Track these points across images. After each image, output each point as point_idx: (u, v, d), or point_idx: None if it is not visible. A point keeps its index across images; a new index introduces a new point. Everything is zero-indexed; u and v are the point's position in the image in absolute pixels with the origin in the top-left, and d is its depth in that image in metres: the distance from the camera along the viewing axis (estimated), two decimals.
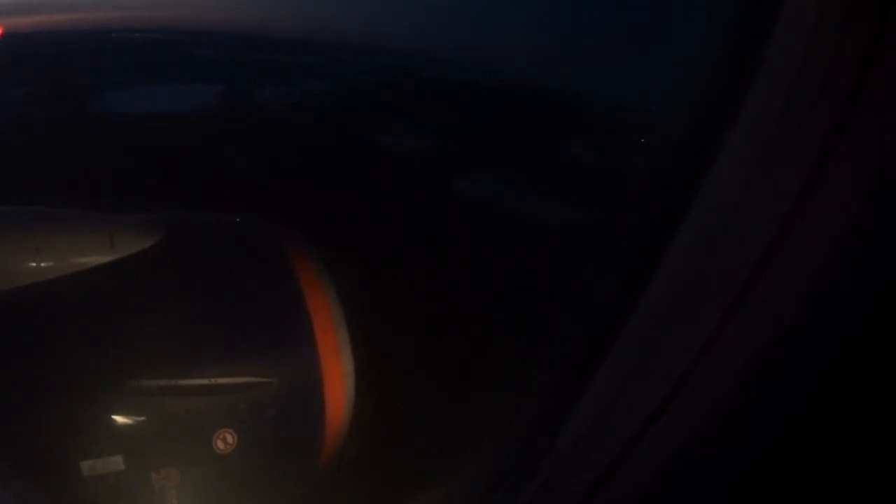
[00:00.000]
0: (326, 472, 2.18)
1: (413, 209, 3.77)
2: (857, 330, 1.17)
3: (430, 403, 2.43)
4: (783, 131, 1.31)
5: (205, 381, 2.15)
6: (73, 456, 2.14)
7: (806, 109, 1.28)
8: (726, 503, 1.27)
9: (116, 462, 2.15)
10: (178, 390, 2.16)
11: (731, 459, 1.26)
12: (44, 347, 2.18)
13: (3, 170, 3.32)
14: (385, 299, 2.76)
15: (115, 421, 2.17)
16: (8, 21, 4.61)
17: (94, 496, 2.17)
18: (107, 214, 2.41)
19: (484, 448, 1.86)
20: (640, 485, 1.36)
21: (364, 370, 2.14)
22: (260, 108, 4.86)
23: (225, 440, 2.13)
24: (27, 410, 2.14)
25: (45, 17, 4.76)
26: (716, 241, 1.39)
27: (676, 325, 1.40)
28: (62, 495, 2.18)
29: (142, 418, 2.17)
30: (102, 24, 5.06)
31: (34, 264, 2.27)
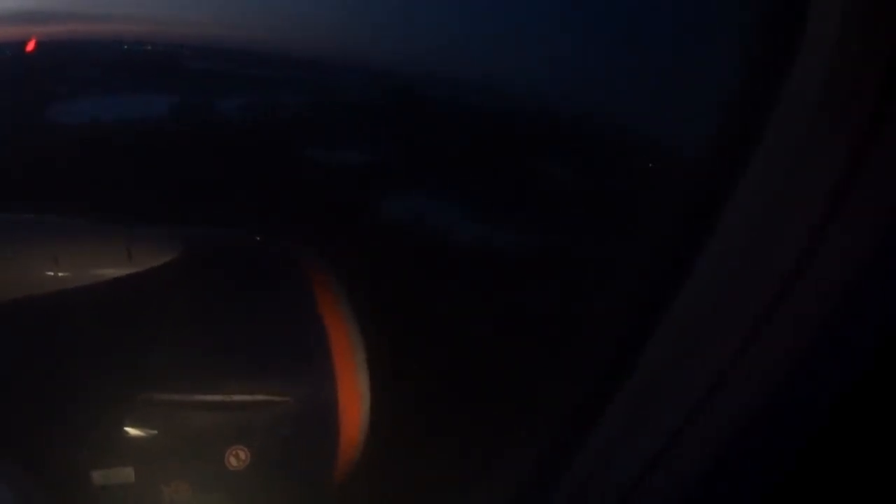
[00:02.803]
0: (340, 491, 2.18)
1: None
2: (881, 355, 1.17)
3: (446, 422, 2.43)
4: (806, 154, 1.32)
5: (219, 397, 2.16)
6: (86, 465, 2.14)
7: (829, 132, 1.28)
8: None
9: (128, 473, 2.15)
10: (193, 405, 2.16)
11: (754, 478, 1.26)
12: (60, 356, 2.19)
13: (22, 177, 3.34)
14: (399, 316, 2.77)
15: (128, 433, 2.17)
16: (40, 29, 4.65)
17: None
18: (125, 226, 2.42)
19: (502, 465, 1.85)
20: (665, 499, 1.36)
21: (380, 389, 2.14)
22: (211, 121, 4.87)
23: (238, 456, 2.13)
24: (42, 418, 2.14)
25: (65, 26, 4.80)
26: (740, 262, 1.38)
27: (701, 343, 1.40)
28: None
29: (155, 431, 2.17)
30: (111, 35, 5.10)
31: (52, 273, 2.28)
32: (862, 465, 1.18)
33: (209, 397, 2.16)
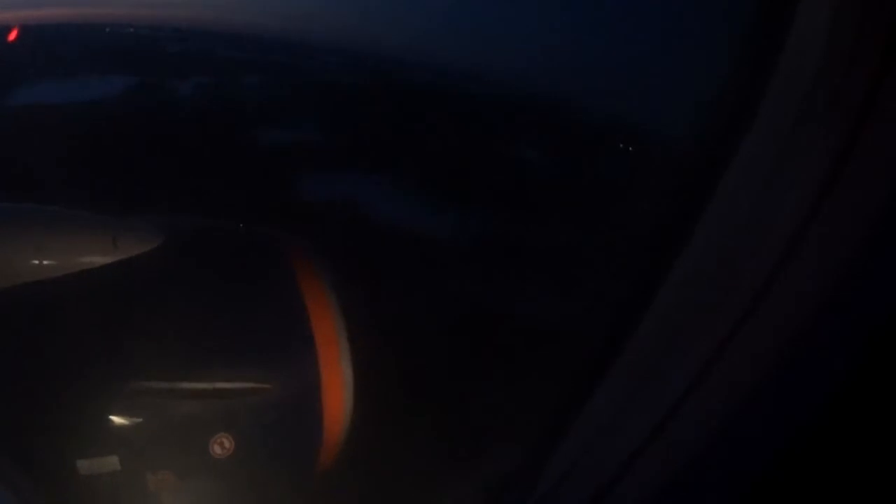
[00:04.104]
0: (323, 480, 2.20)
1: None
2: (865, 350, 1.17)
3: (430, 414, 2.45)
4: (793, 143, 1.32)
5: (204, 386, 2.17)
6: (71, 454, 2.15)
7: (817, 121, 1.29)
8: None
9: (113, 462, 2.16)
10: (178, 393, 2.17)
11: (736, 475, 1.26)
12: (45, 346, 2.19)
13: (7, 166, 3.32)
14: (384, 309, 2.77)
15: (113, 421, 2.18)
16: (22, 14, 4.61)
17: (90, 495, 2.18)
18: (110, 216, 2.42)
19: (485, 459, 1.87)
20: (644, 498, 1.36)
21: (364, 379, 2.16)
22: (184, 104, 4.83)
23: (222, 444, 2.15)
24: (27, 408, 2.15)
25: (49, 11, 4.76)
26: (726, 251, 1.39)
27: (684, 337, 1.40)
28: (59, 492, 2.19)
29: (140, 420, 2.18)
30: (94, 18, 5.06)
31: (37, 262, 2.28)
32: (848, 462, 1.18)
33: (194, 385, 2.17)
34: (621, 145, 3.47)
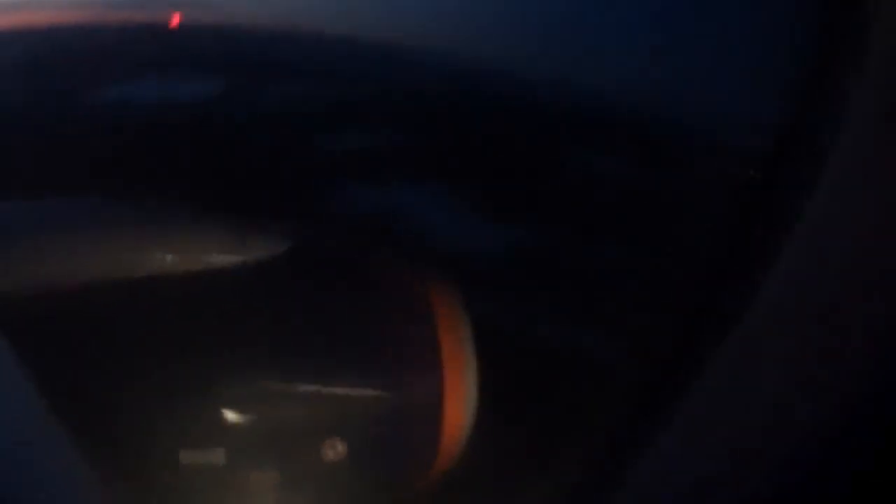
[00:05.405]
0: (433, 493, 2.20)
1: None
2: None
3: (547, 438, 2.44)
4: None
5: (322, 389, 2.19)
6: (175, 443, 2.17)
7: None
8: None
9: (218, 455, 2.17)
10: (294, 395, 2.19)
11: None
12: (166, 338, 2.21)
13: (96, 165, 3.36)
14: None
15: (223, 415, 2.19)
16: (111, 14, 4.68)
17: (188, 485, 2.19)
18: (236, 218, 2.46)
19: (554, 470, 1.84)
20: None
21: (486, 397, 2.17)
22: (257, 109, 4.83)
23: (333, 449, 2.16)
24: (141, 394, 2.17)
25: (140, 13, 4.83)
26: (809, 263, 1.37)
27: (767, 356, 1.39)
28: (157, 478, 2.20)
29: (252, 417, 2.19)
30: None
31: (165, 258, 2.32)
32: None
33: (310, 388, 2.20)
34: (751, 172, 3.38)
